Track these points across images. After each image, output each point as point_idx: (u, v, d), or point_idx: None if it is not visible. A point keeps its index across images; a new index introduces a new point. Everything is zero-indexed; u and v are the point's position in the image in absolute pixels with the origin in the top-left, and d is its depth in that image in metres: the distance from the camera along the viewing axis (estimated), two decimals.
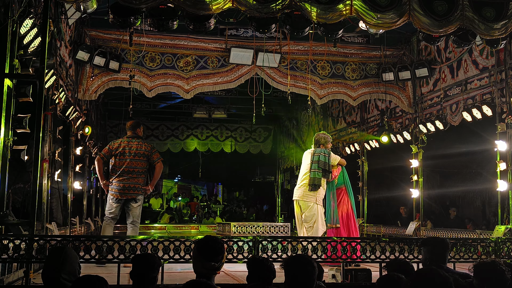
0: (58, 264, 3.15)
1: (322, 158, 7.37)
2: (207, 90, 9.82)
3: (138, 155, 7.20)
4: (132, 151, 7.20)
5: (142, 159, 7.20)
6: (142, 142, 7.33)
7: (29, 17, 5.50)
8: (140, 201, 7.23)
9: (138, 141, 7.29)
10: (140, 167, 7.19)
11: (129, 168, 7.15)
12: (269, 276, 3.36)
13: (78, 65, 8.91)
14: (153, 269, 3.35)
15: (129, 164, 7.15)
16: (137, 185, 7.15)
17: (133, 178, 7.14)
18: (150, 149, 7.29)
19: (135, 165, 7.18)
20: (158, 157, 7.27)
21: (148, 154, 7.21)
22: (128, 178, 7.13)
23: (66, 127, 8.75)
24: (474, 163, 10.69)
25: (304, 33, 6.77)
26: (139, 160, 7.19)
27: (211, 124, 16.73)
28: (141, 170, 7.19)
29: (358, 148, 12.00)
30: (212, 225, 14.31)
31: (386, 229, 10.88)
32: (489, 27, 6.31)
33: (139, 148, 7.23)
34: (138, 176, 7.16)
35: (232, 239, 5.23)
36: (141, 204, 7.27)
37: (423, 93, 10.06)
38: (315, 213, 7.26)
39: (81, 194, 10.58)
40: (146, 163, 7.22)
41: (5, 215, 5.22)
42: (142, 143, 7.30)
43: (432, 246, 4.09)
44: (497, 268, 3.05)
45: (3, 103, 5.26)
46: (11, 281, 5.03)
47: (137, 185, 7.15)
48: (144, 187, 7.20)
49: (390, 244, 5.46)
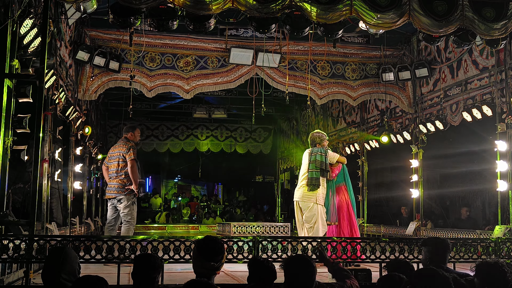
0: (58, 264, 3.15)
1: (319, 157, 7.34)
2: (207, 90, 9.82)
3: (113, 158, 7.59)
4: (110, 154, 7.69)
5: (115, 161, 7.52)
6: (123, 144, 7.54)
7: (29, 17, 5.50)
8: (126, 201, 7.40)
9: (119, 143, 7.63)
10: (113, 168, 7.52)
11: (110, 170, 7.58)
12: (270, 277, 3.36)
13: (78, 65, 8.91)
14: (154, 269, 3.35)
15: (110, 167, 7.59)
16: (116, 185, 7.44)
17: (111, 179, 7.53)
18: (126, 150, 7.46)
19: (112, 168, 7.56)
20: (130, 157, 7.41)
21: (123, 154, 7.46)
22: (109, 179, 7.59)
23: (66, 127, 8.74)
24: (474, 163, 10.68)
25: (304, 33, 6.77)
26: (114, 162, 7.54)
27: (211, 124, 16.73)
28: (114, 171, 7.49)
29: (358, 148, 12.00)
30: (212, 225, 14.33)
31: (386, 229, 10.88)
32: (489, 27, 6.31)
33: (115, 149, 7.61)
34: (116, 177, 7.46)
35: (232, 239, 5.23)
36: (128, 204, 7.40)
37: (423, 93, 10.06)
38: (315, 213, 7.24)
39: (81, 194, 10.57)
40: (123, 163, 7.45)
41: (5, 215, 5.22)
42: (121, 145, 7.55)
43: (433, 246, 4.09)
44: (499, 269, 3.05)
45: (3, 103, 5.26)
46: (11, 281, 5.03)
47: (115, 185, 7.45)
48: (127, 187, 7.40)
49: (390, 244, 5.46)
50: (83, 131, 9.63)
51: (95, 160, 12.14)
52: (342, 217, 7.42)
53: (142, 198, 21.36)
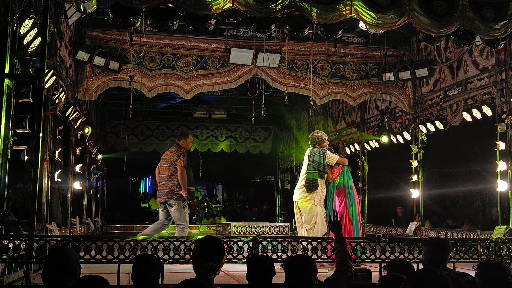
0: (58, 264, 3.15)
1: (317, 158, 7.31)
2: (207, 90, 9.81)
3: (164, 163, 7.92)
4: (162, 159, 8.00)
5: (166, 166, 7.84)
6: (175, 150, 7.86)
7: (29, 17, 5.50)
8: (176, 205, 7.72)
9: (171, 149, 7.99)
10: (164, 173, 7.85)
11: (161, 174, 7.92)
12: (268, 274, 3.35)
13: (78, 65, 8.91)
14: (153, 269, 3.35)
15: (161, 171, 7.92)
16: (166, 190, 7.78)
17: (161, 184, 7.87)
18: (176, 156, 7.77)
19: (162, 172, 7.90)
20: (180, 163, 7.72)
21: (173, 161, 7.76)
22: (159, 184, 7.94)
23: (66, 127, 8.75)
24: (474, 163, 10.68)
25: (304, 33, 6.77)
26: (165, 167, 7.87)
27: (211, 124, 16.72)
28: (165, 175, 7.81)
29: (358, 148, 12.00)
30: (212, 225, 14.34)
31: (386, 229, 10.89)
32: (489, 27, 6.30)
33: (167, 155, 7.94)
34: (166, 181, 7.79)
35: (232, 239, 5.23)
36: (178, 208, 7.72)
37: (423, 93, 10.06)
38: (314, 214, 7.23)
39: (81, 194, 10.58)
40: (173, 169, 7.76)
41: (5, 215, 5.23)
42: (172, 151, 7.89)
43: (433, 246, 4.08)
44: (502, 270, 3.04)
45: (3, 103, 5.27)
46: (11, 281, 5.03)
47: (165, 190, 7.79)
48: (177, 192, 7.71)
49: (390, 244, 5.47)
50: (83, 131, 9.63)
51: (95, 160, 12.15)
52: (342, 220, 7.38)
53: (142, 198, 21.40)
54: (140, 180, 25.78)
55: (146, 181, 26.02)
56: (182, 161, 7.72)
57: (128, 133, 15.69)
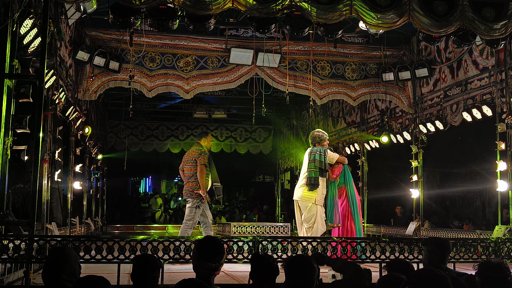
0: (58, 264, 3.15)
1: (318, 157, 7.32)
2: (207, 90, 9.81)
3: (186, 162, 8.02)
4: (185, 159, 8.10)
5: (189, 164, 7.92)
6: (197, 149, 7.92)
7: (29, 17, 5.50)
8: (191, 203, 7.78)
9: (193, 148, 8.07)
10: (188, 171, 7.94)
11: (185, 173, 8.00)
12: (271, 273, 3.35)
13: (78, 65, 8.91)
14: (153, 269, 3.35)
15: (185, 170, 8.01)
16: (188, 188, 7.86)
17: (185, 183, 7.97)
18: (198, 154, 7.84)
19: (186, 170, 7.99)
20: (200, 161, 7.79)
21: (195, 159, 7.84)
22: (184, 183, 8.04)
23: (66, 127, 8.75)
24: (474, 163, 10.69)
25: (304, 33, 6.77)
26: (187, 165, 7.96)
27: (211, 124, 16.71)
28: (189, 174, 7.91)
29: (358, 148, 12.00)
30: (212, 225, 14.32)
31: (386, 229, 10.89)
32: (489, 27, 6.30)
33: (189, 154, 8.04)
34: (188, 180, 7.88)
35: (232, 239, 5.23)
36: (192, 206, 7.77)
37: (423, 93, 10.06)
38: (314, 213, 7.23)
39: (81, 194, 10.58)
40: (194, 167, 7.84)
41: (5, 215, 5.23)
42: (194, 150, 7.98)
43: (433, 246, 4.09)
44: (503, 270, 3.04)
45: (3, 103, 5.27)
46: (11, 281, 5.03)
47: (187, 188, 7.88)
48: (196, 191, 7.74)
49: (390, 244, 5.47)
50: (83, 131, 9.63)
51: (95, 160, 12.15)
52: (344, 219, 7.39)
53: (142, 198, 21.40)
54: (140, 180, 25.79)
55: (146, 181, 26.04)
56: (203, 159, 7.80)
57: (128, 133, 15.68)
